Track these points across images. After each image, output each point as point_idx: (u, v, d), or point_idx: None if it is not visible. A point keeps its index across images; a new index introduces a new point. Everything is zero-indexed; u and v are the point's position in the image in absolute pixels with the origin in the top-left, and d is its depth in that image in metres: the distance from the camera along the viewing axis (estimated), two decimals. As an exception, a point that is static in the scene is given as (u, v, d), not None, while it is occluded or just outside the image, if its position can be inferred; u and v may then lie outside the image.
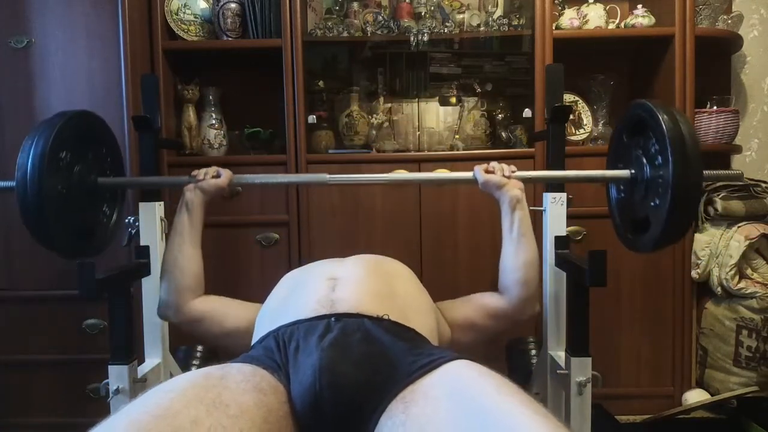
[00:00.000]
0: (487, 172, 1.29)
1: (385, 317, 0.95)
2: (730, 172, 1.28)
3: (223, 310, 1.25)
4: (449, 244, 2.01)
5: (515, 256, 1.24)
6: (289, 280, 1.21)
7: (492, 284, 1.30)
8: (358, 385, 0.83)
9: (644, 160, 1.18)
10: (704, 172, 1.09)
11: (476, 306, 1.26)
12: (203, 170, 1.31)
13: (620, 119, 1.31)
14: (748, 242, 1.91)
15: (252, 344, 1.05)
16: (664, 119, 1.07)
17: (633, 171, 1.22)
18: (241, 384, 0.79)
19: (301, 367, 0.85)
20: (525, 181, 1.29)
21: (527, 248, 1.24)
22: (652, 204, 1.14)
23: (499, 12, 2.17)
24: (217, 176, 1.29)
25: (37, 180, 1.06)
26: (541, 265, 1.35)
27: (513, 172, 1.29)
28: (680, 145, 1.05)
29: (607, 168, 1.37)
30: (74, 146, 1.17)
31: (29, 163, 1.06)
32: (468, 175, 1.32)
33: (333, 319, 0.93)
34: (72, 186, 1.16)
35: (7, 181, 1.16)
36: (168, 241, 1.29)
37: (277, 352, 0.90)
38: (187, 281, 1.24)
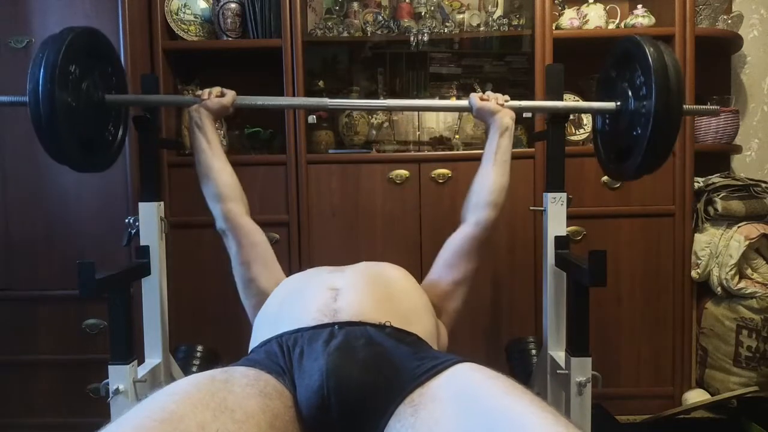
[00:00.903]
0: (482, 99, 1.36)
1: (387, 324, 0.95)
2: (708, 107, 1.34)
3: (260, 238, 1.31)
4: (449, 244, 2.01)
5: (494, 179, 1.30)
6: (288, 285, 1.20)
7: (493, 282, 1.30)
8: (366, 388, 0.83)
9: (630, 93, 1.22)
10: (684, 106, 1.15)
11: (454, 262, 1.28)
12: (207, 90, 1.35)
13: (609, 54, 1.35)
14: (748, 242, 1.91)
15: (251, 347, 1.05)
16: (650, 51, 1.12)
17: (618, 103, 1.27)
18: (246, 388, 0.79)
19: (307, 371, 0.85)
20: (517, 110, 1.36)
21: (504, 173, 1.32)
22: (635, 133, 1.19)
23: (499, 12, 2.17)
24: (221, 95, 1.35)
25: (49, 91, 1.07)
26: (541, 256, 1.35)
27: (507, 101, 1.36)
28: (663, 76, 1.09)
29: (595, 101, 1.40)
30: (82, 62, 1.18)
31: (41, 75, 1.07)
32: (463, 102, 1.38)
33: (336, 327, 0.92)
34: (81, 100, 1.17)
35: (17, 96, 1.18)
36: (195, 161, 1.33)
37: (281, 357, 0.90)
38: (225, 191, 1.29)
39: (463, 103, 1.38)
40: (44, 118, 1.08)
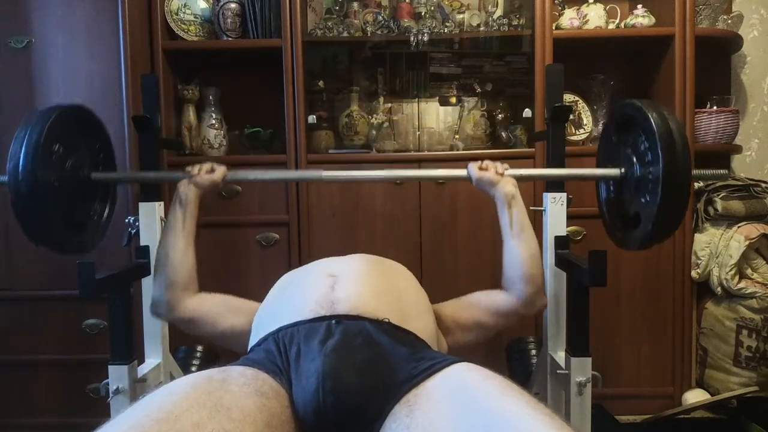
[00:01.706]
0: (481, 169, 1.29)
1: (386, 320, 0.95)
2: (716, 171, 1.29)
3: (218, 310, 1.21)
4: (449, 245, 2.01)
5: (517, 252, 1.22)
6: (287, 279, 1.20)
7: (493, 283, 1.30)
8: (362, 390, 0.82)
9: (634, 159, 1.18)
10: (693, 172, 1.11)
11: (484, 306, 1.24)
12: (197, 165, 1.29)
13: (608, 119, 1.32)
14: (748, 242, 1.91)
15: (251, 346, 1.04)
16: (654, 116, 1.08)
17: (623, 169, 1.23)
18: (243, 387, 0.79)
19: (303, 372, 0.85)
20: (517, 178, 1.30)
21: (528, 243, 1.24)
22: (643, 200, 1.14)
23: (499, 12, 2.17)
24: (212, 171, 1.28)
25: (29, 171, 1.02)
26: (541, 256, 1.34)
27: (506, 169, 1.30)
28: (670, 142, 1.06)
29: (597, 166, 1.37)
30: (68, 139, 1.15)
31: (22, 154, 1.03)
32: (461, 172, 1.32)
33: (333, 321, 0.92)
34: (65, 179, 1.13)
35: None
36: (161, 236, 1.26)
37: (278, 356, 0.90)
38: (180, 278, 1.21)
39: (462, 173, 1.31)
40: (24, 200, 1.03)
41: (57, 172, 1.11)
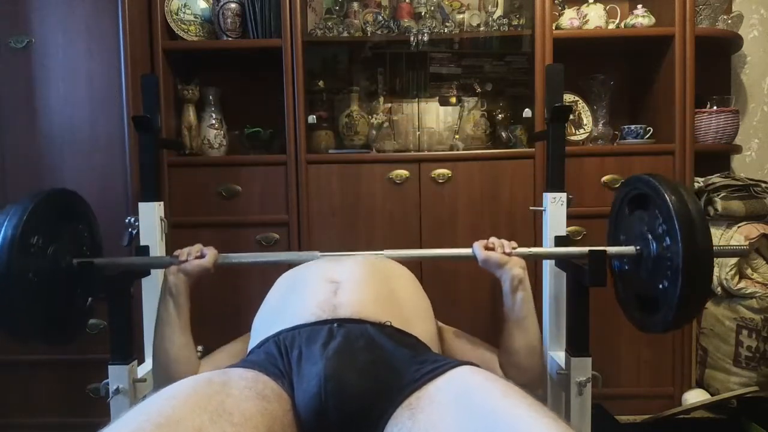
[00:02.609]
0: (487, 248, 1.21)
1: (388, 323, 0.95)
2: (736, 247, 1.22)
3: (220, 358, 1.20)
4: (449, 245, 2.00)
5: (513, 340, 1.16)
6: (288, 279, 1.20)
7: (492, 284, 1.30)
8: (363, 393, 0.82)
9: (650, 237, 1.12)
10: (713, 250, 1.04)
11: (479, 356, 1.18)
12: (186, 250, 1.22)
13: (620, 191, 1.27)
14: (748, 242, 1.91)
15: (251, 348, 1.04)
16: (672, 200, 1.03)
17: (638, 248, 1.16)
18: (244, 391, 0.78)
19: (305, 375, 0.85)
20: (525, 257, 1.23)
21: (527, 332, 1.16)
22: (661, 286, 1.08)
23: (499, 12, 2.17)
24: (201, 256, 1.21)
25: (4, 271, 0.98)
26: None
27: (514, 248, 1.22)
28: (689, 228, 1.00)
29: (608, 237, 1.32)
30: (48, 228, 1.10)
31: None
32: (467, 251, 1.24)
33: (335, 324, 0.92)
34: (43, 271, 1.08)
35: None
36: (155, 330, 1.19)
37: (279, 359, 0.89)
38: (182, 369, 1.16)
39: (467, 252, 1.23)
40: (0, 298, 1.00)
41: (35, 265, 1.06)
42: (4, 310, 1.01)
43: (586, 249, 1.20)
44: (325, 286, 1.04)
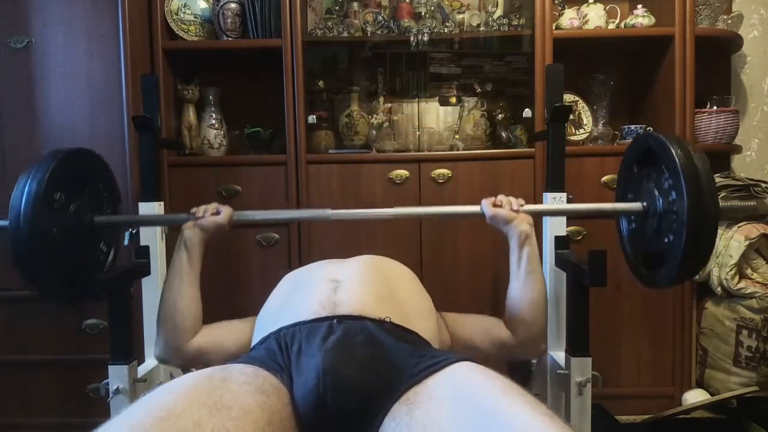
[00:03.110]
0: (495, 205, 1.24)
1: (387, 320, 0.95)
2: (745, 204, 1.24)
3: (223, 338, 1.22)
4: (449, 245, 2.01)
5: (521, 294, 1.20)
6: (290, 280, 1.20)
7: (492, 284, 1.30)
8: (362, 387, 0.83)
9: (656, 193, 1.14)
10: (721, 204, 1.05)
11: (482, 331, 1.24)
12: (203, 207, 1.26)
13: (629, 148, 1.27)
14: (748, 242, 1.91)
15: (252, 345, 1.04)
16: (678, 154, 1.04)
17: (645, 203, 1.18)
18: (243, 386, 0.79)
19: (304, 369, 0.85)
20: (533, 214, 1.25)
21: (534, 287, 1.20)
22: (666, 240, 1.09)
23: (499, 12, 2.17)
24: (217, 213, 1.25)
25: (29, 226, 1.01)
26: (541, 256, 1.33)
27: (521, 205, 1.24)
28: (695, 182, 1.01)
29: (617, 196, 1.32)
30: (69, 185, 1.12)
31: (22, 207, 1.01)
32: (475, 208, 1.27)
33: (335, 321, 0.92)
34: (66, 227, 1.11)
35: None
36: (166, 281, 1.24)
37: (279, 354, 0.90)
38: (187, 323, 1.20)
39: (475, 209, 1.26)
40: (24, 251, 1.02)
41: (58, 221, 1.09)
42: (30, 265, 1.04)
43: (596, 206, 1.25)
44: (326, 285, 1.05)
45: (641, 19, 2.06)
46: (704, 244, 1.04)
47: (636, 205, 1.19)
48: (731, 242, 1.94)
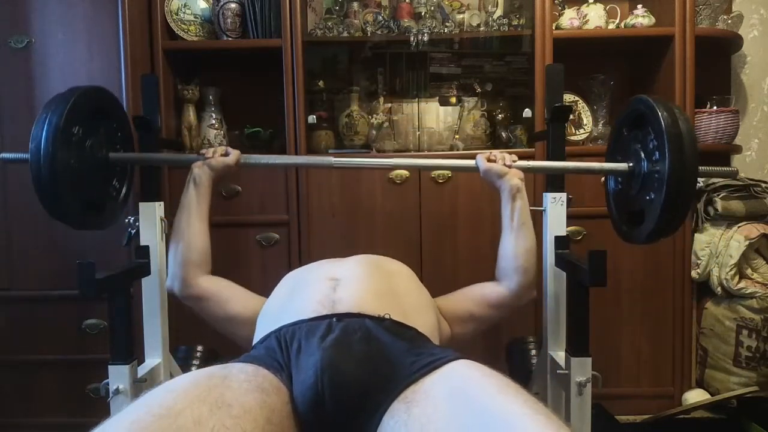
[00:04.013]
0: (489, 160, 1.30)
1: (386, 317, 0.95)
2: (724, 168, 1.30)
3: (228, 294, 1.27)
4: (449, 244, 2.01)
5: (515, 244, 1.26)
6: (290, 279, 1.21)
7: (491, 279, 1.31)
8: (360, 384, 0.83)
9: (642, 155, 1.20)
10: (700, 168, 1.12)
11: (476, 298, 1.28)
12: (212, 148, 1.33)
13: (621, 112, 1.33)
14: (748, 242, 1.91)
15: (253, 344, 1.05)
16: (663, 116, 1.09)
17: (631, 164, 1.24)
18: (243, 384, 0.79)
19: (303, 367, 0.85)
20: (526, 170, 1.32)
21: (527, 236, 1.27)
22: (647, 198, 1.16)
23: (499, 12, 2.17)
24: (226, 154, 1.32)
25: (50, 153, 1.07)
26: (541, 256, 1.38)
27: (514, 161, 1.31)
28: (677, 142, 1.07)
29: (607, 160, 1.38)
30: (86, 121, 1.18)
31: (43, 136, 1.08)
32: (470, 163, 1.33)
33: (334, 319, 0.93)
34: (84, 160, 1.18)
35: (20, 153, 1.18)
36: (176, 215, 1.30)
37: (279, 352, 0.90)
38: (193, 256, 1.26)
39: (470, 163, 1.33)
40: (45, 179, 1.08)
41: (76, 154, 1.15)
42: (49, 191, 1.09)
43: (585, 164, 1.35)
44: (326, 284, 1.05)
45: (641, 19, 2.06)
46: (682, 202, 1.11)
47: (622, 166, 1.26)
48: (731, 242, 1.94)
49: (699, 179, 2.05)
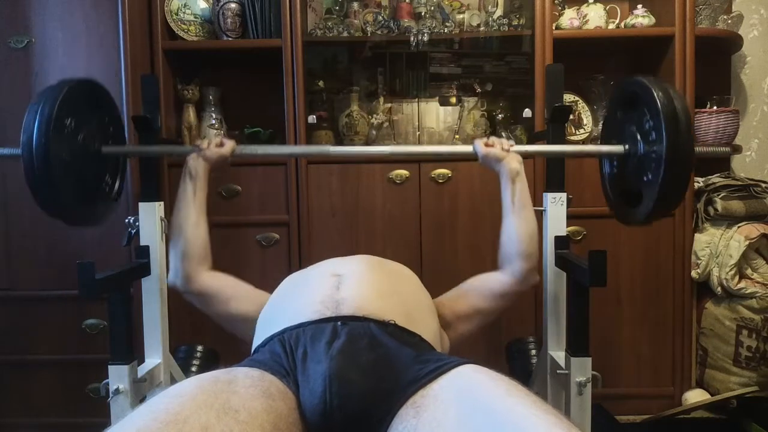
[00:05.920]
0: (487, 146, 1.31)
1: (391, 322, 0.95)
2: (718, 149, 1.30)
3: (231, 291, 1.26)
4: (449, 245, 2.01)
5: (517, 229, 1.26)
6: (292, 279, 1.20)
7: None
8: (368, 392, 0.82)
9: (638, 136, 1.19)
10: (695, 149, 1.12)
11: (482, 291, 1.28)
12: (207, 139, 1.32)
13: (614, 95, 1.33)
14: (748, 242, 1.91)
15: (255, 346, 1.04)
16: (659, 95, 1.08)
17: (627, 146, 1.23)
18: (249, 389, 0.79)
19: (311, 375, 0.85)
20: (522, 154, 1.32)
21: (527, 220, 1.27)
22: (645, 179, 1.15)
23: (499, 12, 2.17)
24: (221, 145, 1.31)
25: (42, 145, 1.05)
26: (541, 256, 1.37)
27: (511, 146, 1.31)
28: (674, 121, 1.06)
29: (601, 143, 1.37)
30: (79, 113, 1.16)
31: (35, 128, 1.06)
32: (468, 148, 1.33)
33: (339, 322, 0.92)
34: (76, 153, 1.15)
35: (12, 148, 1.15)
36: (174, 209, 1.30)
37: (284, 357, 0.89)
38: (193, 250, 1.25)
39: (468, 149, 1.33)
40: (38, 172, 1.06)
41: (68, 146, 1.13)
42: (41, 183, 1.07)
43: (581, 148, 1.31)
44: (329, 281, 1.04)
45: (641, 19, 2.06)
46: (680, 181, 1.10)
47: (618, 148, 1.25)
48: (731, 242, 1.94)
49: (699, 179, 2.06)
